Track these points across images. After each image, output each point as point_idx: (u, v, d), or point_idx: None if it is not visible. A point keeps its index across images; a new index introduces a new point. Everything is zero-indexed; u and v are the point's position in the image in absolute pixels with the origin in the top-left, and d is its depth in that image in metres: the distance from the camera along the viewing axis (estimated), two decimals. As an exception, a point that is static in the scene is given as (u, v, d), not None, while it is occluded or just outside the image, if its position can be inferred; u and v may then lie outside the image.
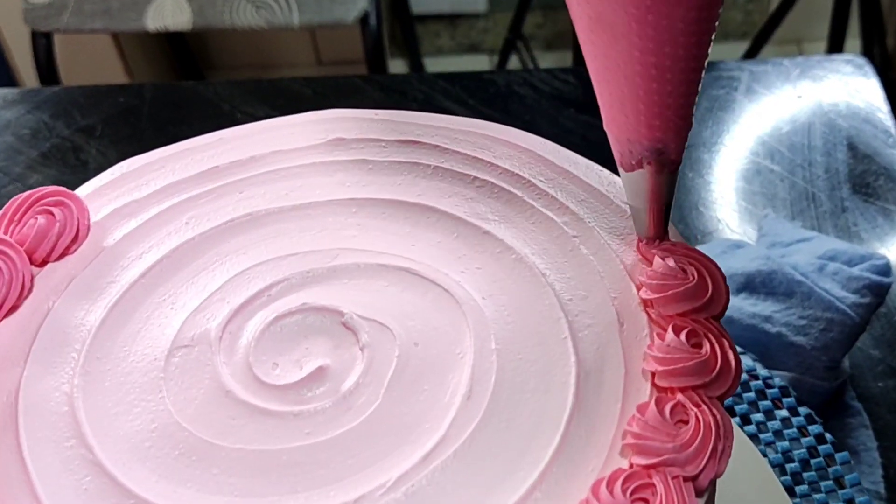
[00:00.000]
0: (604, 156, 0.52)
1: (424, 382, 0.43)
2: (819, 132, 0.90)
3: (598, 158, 0.51)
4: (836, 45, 1.56)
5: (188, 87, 1.00)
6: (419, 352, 0.44)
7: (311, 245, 0.48)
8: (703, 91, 0.41)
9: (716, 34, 0.38)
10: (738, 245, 0.74)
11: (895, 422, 0.68)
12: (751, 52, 1.65)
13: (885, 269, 0.71)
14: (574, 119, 0.92)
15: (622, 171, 0.45)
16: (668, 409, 0.40)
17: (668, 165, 0.43)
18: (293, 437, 0.41)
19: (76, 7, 1.38)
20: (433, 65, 2.16)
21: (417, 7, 2.00)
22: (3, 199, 0.50)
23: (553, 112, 0.92)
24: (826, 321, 0.68)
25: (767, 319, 0.68)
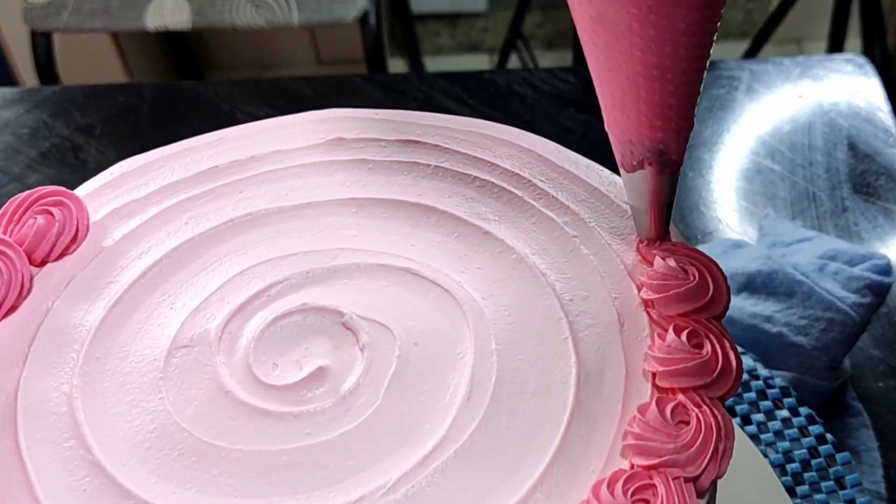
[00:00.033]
0: (604, 155, 0.52)
1: (424, 383, 0.42)
2: (820, 132, 0.90)
3: (599, 158, 0.51)
4: (837, 45, 1.56)
5: (188, 87, 1.00)
6: (419, 352, 0.43)
7: (311, 245, 0.48)
8: (704, 90, 0.41)
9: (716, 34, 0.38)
10: (739, 245, 0.74)
11: (896, 422, 0.68)
12: (751, 52, 1.64)
13: (886, 269, 0.71)
14: (574, 118, 0.91)
15: (623, 172, 0.44)
16: (669, 410, 0.40)
17: (670, 166, 0.43)
18: (293, 438, 0.41)
19: (75, 6, 1.38)
20: (433, 64, 2.15)
21: (417, 6, 2.00)
22: (3, 199, 0.50)
23: (553, 111, 0.92)
24: (827, 321, 0.67)
25: (768, 319, 0.68)
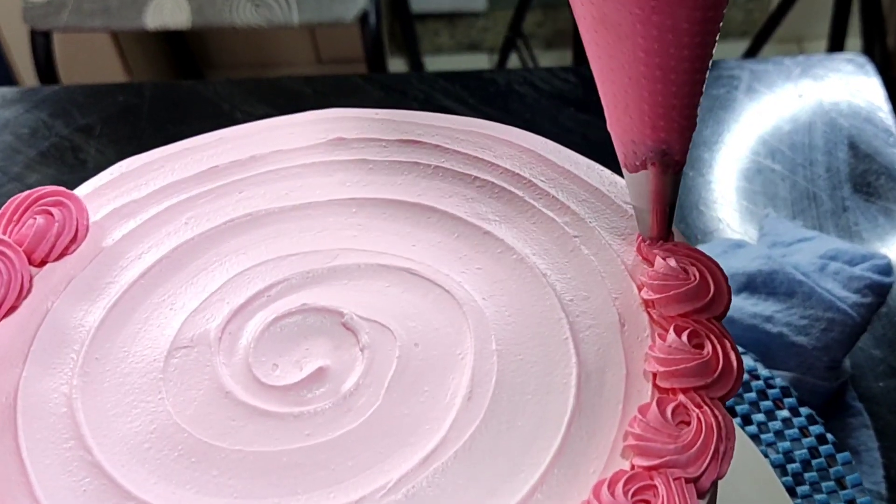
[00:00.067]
0: (604, 155, 0.51)
1: (425, 383, 0.42)
2: (820, 131, 0.89)
3: (599, 157, 0.51)
4: (837, 44, 1.56)
5: (188, 86, 1.00)
6: (420, 352, 0.43)
7: (312, 245, 0.48)
8: (704, 90, 0.41)
9: (717, 34, 0.38)
10: (739, 245, 0.74)
11: (896, 422, 0.68)
12: (751, 51, 1.64)
13: (887, 269, 0.70)
14: (574, 118, 0.91)
15: (626, 172, 0.44)
16: (670, 411, 0.40)
17: (672, 166, 0.43)
18: (293, 439, 0.41)
19: (75, 6, 1.38)
20: (433, 63, 2.15)
21: (417, 5, 2.00)
22: (2, 199, 0.50)
23: (553, 111, 0.92)
24: (827, 321, 0.67)
25: (768, 319, 0.68)
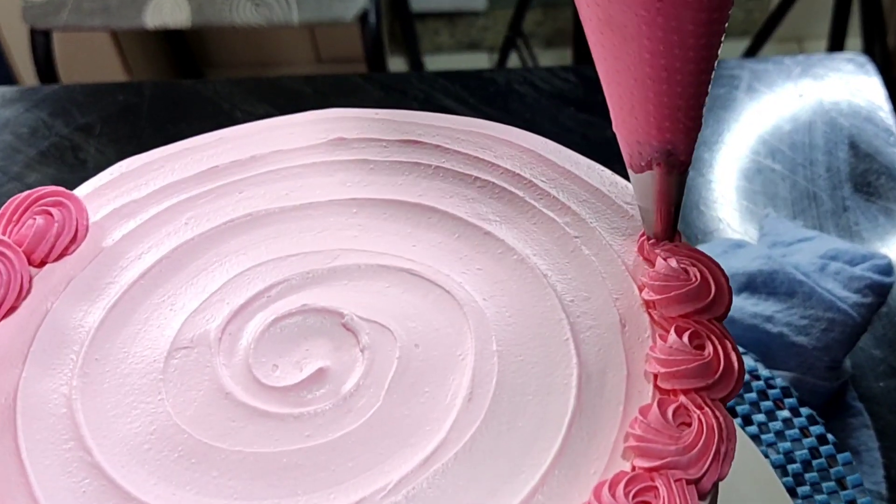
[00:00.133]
0: (604, 154, 0.51)
1: (425, 384, 0.42)
2: (820, 131, 0.89)
3: (599, 157, 0.51)
4: (837, 44, 1.56)
5: (187, 86, 1.00)
6: (420, 353, 0.43)
7: (312, 246, 0.48)
8: (706, 90, 0.41)
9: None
10: (740, 245, 0.74)
11: (897, 422, 0.68)
12: (751, 50, 1.64)
13: (887, 269, 0.70)
14: (574, 118, 0.91)
15: (631, 172, 0.44)
16: (671, 412, 0.40)
17: (678, 166, 0.43)
18: (293, 440, 0.41)
19: (75, 5, 1.38)
20: (433, 62, 2.15)
21: (417, 4, 2.00)
22: (2, 198, 0.50)
23: (553, 110, 0.92)
24: (827, 321, 0.67)
25: (769, 319, 0.68)
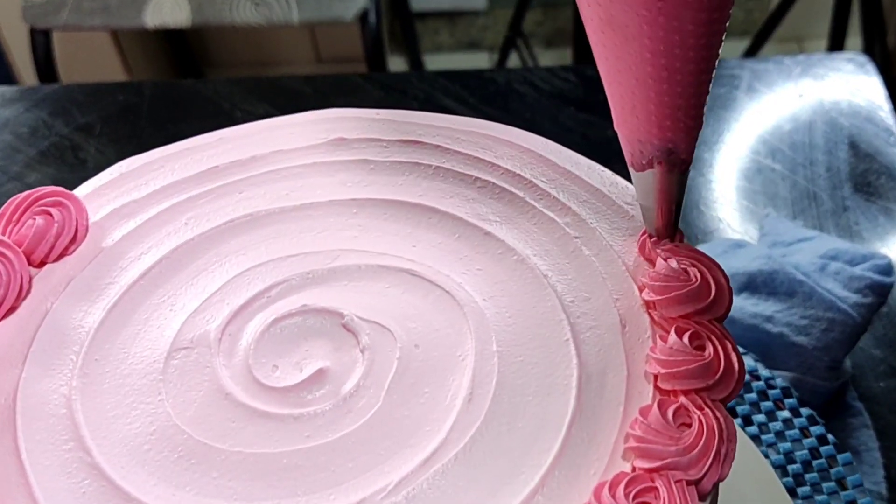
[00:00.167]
0: (604, 154, 0.51)
1: (425, 385, 0.42)
2: (820, 131, 0.89)
3: (599, 157, 0.51)
4: (837, 43, 1.56)
5: (187, 85, 1.00)
6: (420, 354, 0.43)
7: (312, 246, 0.48)
8: (706, 90, 0.41)
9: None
10: (740, 244, 0.74)
11: (897, 422, 0.68)
12: (751, 50, 1.64)
13: (887, 269, 0.70)
14: (574, 117, 0.91)
15: (633, 171, 0.44)
16: (671, 412, 0.40)
17: (679, 165, 0.43)
18: (293, 440, 0.41)
19: (75, 4, 1.38)
20: (433, 62, 2.15)
21: (417, 4, 2.00)
22: (2, 198, 0.50)
23: (553, 110, 0.92)
24: (828, 321, 0.67)
25: (769, 319, 0.68)
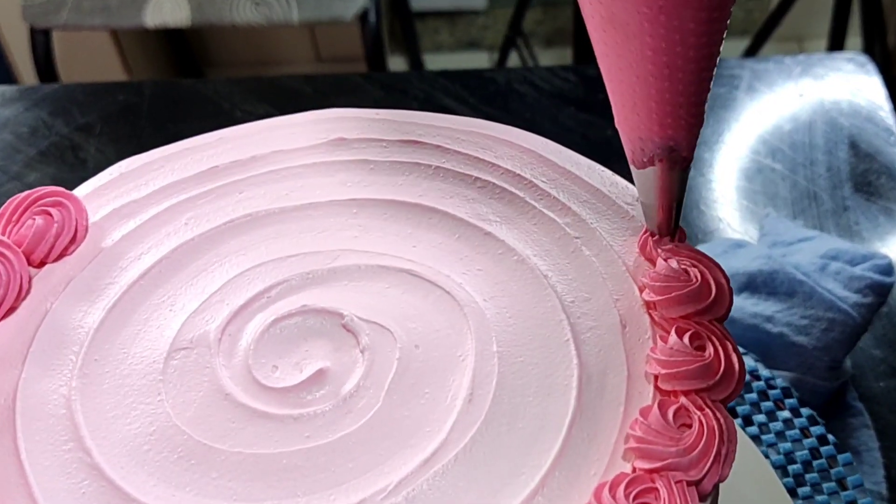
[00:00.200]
0: (604, 154, 0.51)
1: (425, 385, 0.42)
2: (821, 130, 0.89)
3: (599, 157, 0.51)
4: (837, 43, 1.56)
5: (187, 85, 1.00)
6: (420, 354, 0.43)
7: (312, 246, 0.48)
8: (707, 88, 0.41)
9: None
10: (740, 244, 0.74)
11: (897, 422, 0.68)
12: (751, 50, 1.64)
13: (888, 269, 0.70)
14: (574, 117, 0.91)
15: (634, 169, 0.44)
16: (672, 413, 0.40)
17: (680, 162, 0.43)
18: (293, 441, 0.41)
19: (75, 4, 1.37)
20: (432, 61, 2.15)
21: (417, 3, 2.00)
22: (2, 198, 0.50)
23: (553, 110, 0.92)
24: (828, 321, 0.67)
25: (769, 319, 0.68)
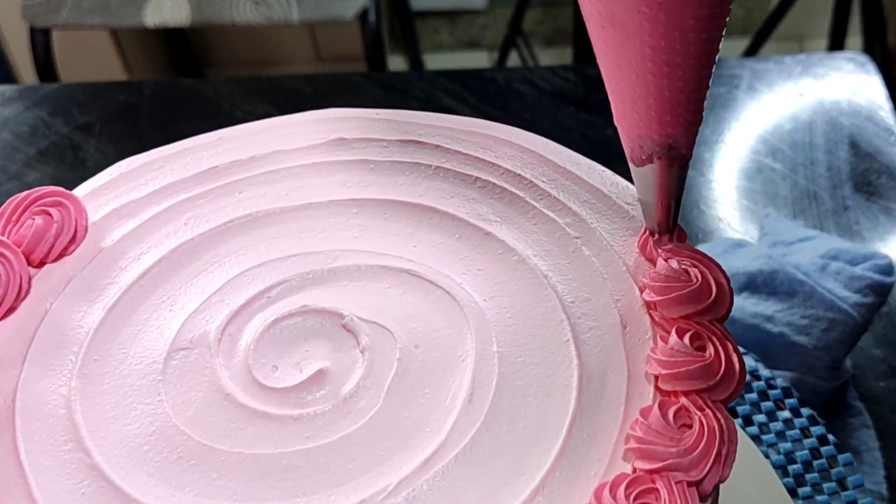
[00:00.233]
0: (604, 154, 0.51)
1: (425, 386, 0.42)
2: (821, 130, 0.89)
3: (599, 157, 0.51)
4: (838, 43, 1.55)
5: (187, 85, 1.00)
6: (420, 354, 0.43)
7: (312, 246, 0.48)
8: (706, 88, 0.41)
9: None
10: (740, 244, 0.74)
11: (897, 422, 0.68)
12: (751, 49, 1.64)
13: (888, 269, 0.70)
14: (574, 117, 0.91)
15: (632, 166, 0.44)
16: (672, 413, 0.40)
17: (679, 160, 0.43)
18: (293, 441, 0.41)
19: (74, 3, 1.37)
20: (432, 61, 2.15)
21: (417, 3, 2.00)
22: (1, 198, 0.49)
23: (553, 110, 0.92)
24: (828, 321, 0.67)
25: (769, 319, 0.68)
